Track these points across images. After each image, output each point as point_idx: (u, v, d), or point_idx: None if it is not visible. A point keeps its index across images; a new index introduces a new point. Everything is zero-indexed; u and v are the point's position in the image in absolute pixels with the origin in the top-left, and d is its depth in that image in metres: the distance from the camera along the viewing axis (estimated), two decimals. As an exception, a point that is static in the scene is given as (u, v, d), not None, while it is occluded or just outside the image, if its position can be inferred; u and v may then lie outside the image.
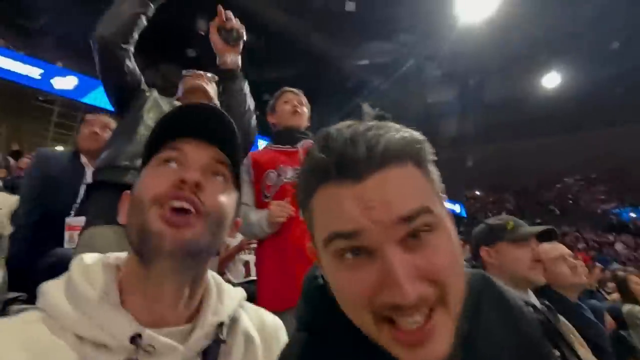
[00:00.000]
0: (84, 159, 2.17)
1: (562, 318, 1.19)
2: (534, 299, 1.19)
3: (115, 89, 1.42)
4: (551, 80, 21.15)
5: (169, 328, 0.53)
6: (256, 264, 1.77)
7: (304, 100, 1.96)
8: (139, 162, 1.22)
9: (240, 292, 0.66)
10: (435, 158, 0.47)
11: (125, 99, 1.44)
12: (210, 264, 0.62)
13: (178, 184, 0.54)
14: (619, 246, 15.68)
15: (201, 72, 1.72)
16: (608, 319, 2.88)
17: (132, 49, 1.39)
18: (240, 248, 2.72)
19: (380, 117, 0.49)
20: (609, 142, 20.63)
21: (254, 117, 1.57)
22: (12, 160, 4.47)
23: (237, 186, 0.65)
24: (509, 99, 21.71)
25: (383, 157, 0.41)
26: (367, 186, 0.40)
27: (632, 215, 18.61)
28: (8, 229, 1.70)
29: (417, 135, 0.45)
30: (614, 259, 11.96)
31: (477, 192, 24.62)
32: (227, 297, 0.62)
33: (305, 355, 0.48)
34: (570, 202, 21.08)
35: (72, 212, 1.95)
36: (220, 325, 0.56)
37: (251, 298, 0.70)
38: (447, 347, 0.39)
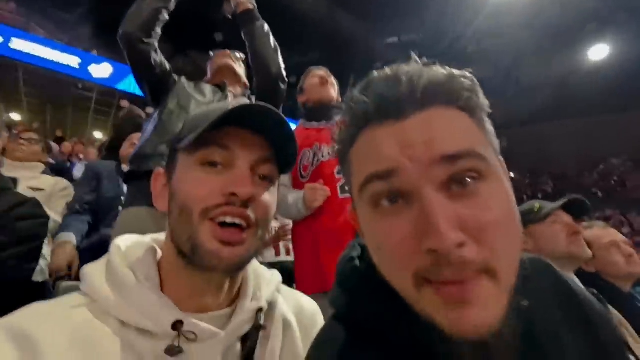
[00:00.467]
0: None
1: (612, 309, 1.11)
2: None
3: (146, 83, 1.47)
4: (597, 53, 19.51)
5: (210, 313, 0.54)
6: (293, 246, 1.79)
7: (332, 75, 1.93)
8: (162, 147, 1.28)
9: (277, 277, 0.66)
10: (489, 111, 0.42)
11: (158, 91, 1.48)
12: None
13: (229, 197, 0.52)
14: (668, 232, 14.57)
15: (228, 50, 1.73)
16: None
17: (155, 43, 1.44)
18: (277, 238, 2.74)
19: None
20: (662, 120, 18.96)
21: (281, 59, 1.57)
22: (55, 146, 4.75)
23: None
24: (547, 77, 20.31)
25: (426, 95, 0.38)
26: (408, 124, 0.37)
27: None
28: (58, 209, 1.81)
29: (469, 79, 0.40)
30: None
31: (512, 175, 23.58)
32: (265, 282, 0.62)
33: (340, 354, 0.42)
34: (615, 184, 19.72)
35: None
36: (259, 310, 0.56)
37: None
38: (495, 316, 0.33)
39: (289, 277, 2.08)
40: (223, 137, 0.55)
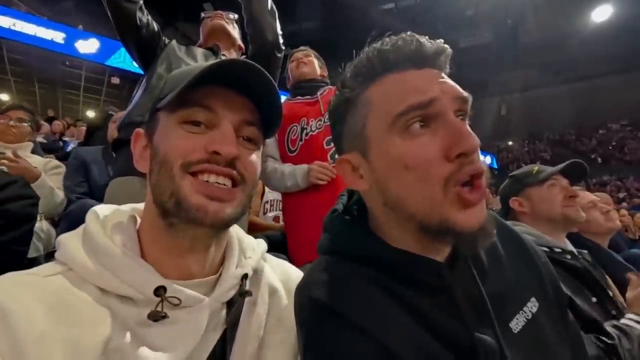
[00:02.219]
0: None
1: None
2: (571, 246, 1.13)
3: (133, 46, 1.38)
4: (600, 14, 18.92)
5: (195, 280, 0.52)
6: (284, 218, 1.78)
7: (313, 53, 1.89)
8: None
9: (263, 245, 0.65)
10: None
11: (146, 54, 1.40)
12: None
13: (212, 155, 0.50)
14: (664, 195, 14.75)
15: (220, 11, 1.63)
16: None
17: (140, 0, 1.34)
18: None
19: None
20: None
21: (278, 25, 1.51)
22: (46, 125, 4.67)
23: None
24: (548, 39, 19.76)
25: (436, 55, 0.49)
26: (433, 71, 0.49)
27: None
28: (48, 187, 1.79)
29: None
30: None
31: (510, 143, 23.50)
32: (250, 250, 0.61)
33: (327, 271, 0.52)
34: (613, 149, 19.73)
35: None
36: (245, 277, 0.56)
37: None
38: (485, 216, 0.46)
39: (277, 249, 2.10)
40: (206, 96, 0.52)
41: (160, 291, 0.47)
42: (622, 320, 0.87)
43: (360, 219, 0.57)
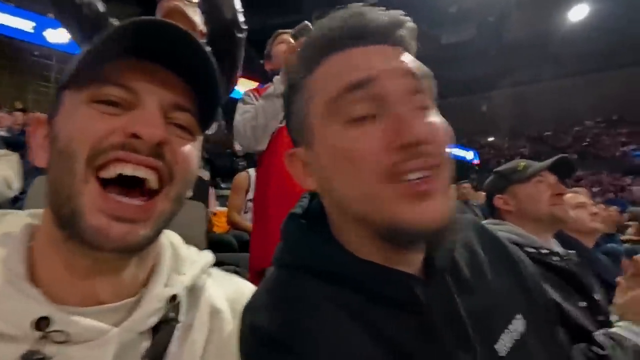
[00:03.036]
0: None
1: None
2: (558, 247, 1.06)
3: (74, 28, 1.23)
4: (578, 13, 19.37)
5: (104, 306, 0.41)
6: (258, 215, 1.64)
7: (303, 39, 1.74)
8: None
9: (206, 257, 0.53)
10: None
11: (90, 39, 1.25)
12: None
13: (130, 139, 0.38)
14: (635, 189, 15.32)
15: None
16: (626, 262, 2.83)
17: None
18: None
19: None
20: (635, 81, 19.32)
21: (238, 1, 1.34)
22: (6, 117, 4.38)
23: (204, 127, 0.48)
24: (529, 37, 20.11)
25: (386, 30, 0.43)
26: (378, 47, 0.43)
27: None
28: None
29: (413, 27, 0.46)
30: (630, 202, 11.74)
31: (491, 139, 23.95)
32: (187, 264, 0.50)
33: (275, 290, 0.46)
34: (588, 145, 20.38)
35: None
36: (173, 298, 0.44)
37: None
38: (445, 211, 0.39)
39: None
40: (123, 72, 0.40)
41: (41, 324, 0.36)
42: (613, 329, 0.81)
43: (320, 224, 0.48)
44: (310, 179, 0.47)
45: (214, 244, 1.89)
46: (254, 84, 1.86)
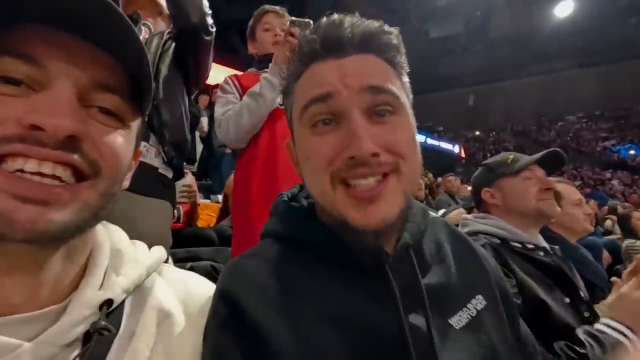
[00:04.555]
0: None
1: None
2: (544, 242, 1.04)
3: None
4: (562, 10, 19.67)
5: (17, 316, 0.34)
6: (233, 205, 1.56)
7: (284, 16, 1.63)
8: None
9: (156, 254, 0.47)
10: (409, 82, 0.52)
11: None
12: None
13: (28, 131, 0.32)
14: (615, 182, 15.79)
15: None
16: (605, 254, 2.88)
17: None
18: None
19: None
20: (616, 77, 19.81)
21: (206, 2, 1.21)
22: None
23: (140, 109, 0.41)
24: (514, 34, 20.34)
25: (362, 42, 0.47)
26: (346, 60, 0.46)
27: (632, 152, 18.49)
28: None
29: (396, 36, 0.49)
30: (608, 196, 12.10)
31: (477, 133, 24.25)
32: (128, 263, 0.43)
33: (254, 255, 0.50)
34: (570, 140, 20.86)
35: None
36: (107, 303, 0.38)
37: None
38: (394, 211, 0.43)
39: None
40: (27, 40, 0.33)
41: None
42: (597, 326, 0.79)
43: (309, 209, 0.54)
44: (299, 167, 0.52)
45: (195, 238, 1.82)
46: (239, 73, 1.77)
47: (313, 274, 0.46)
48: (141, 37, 1.18)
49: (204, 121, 3.74)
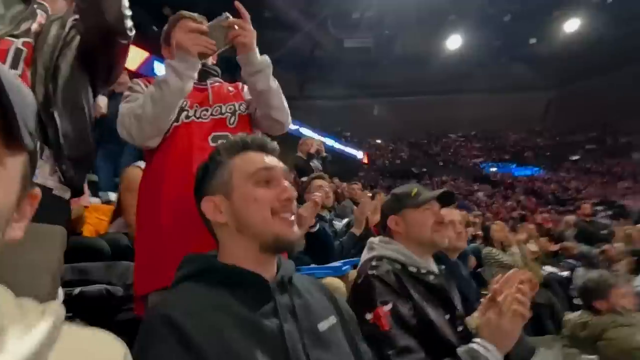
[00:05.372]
0: None
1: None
2: (434, 266, 1.21)
3: None
4: (452, 43, 22.91)
5: None
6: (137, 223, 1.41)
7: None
8: None
9: (54, 312, 0.37)
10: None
11: None
12: None
13: None
14: (480, 194, 19.02)
15: None
16: (471, 259, 3.46)
17: None
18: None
19: None
20: (489, 105, 23.92)
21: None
22: None
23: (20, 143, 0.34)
24: (415, 58, 22.90)
25: (274, 149, 0.86)
26: (271, 155, 0.84)
27: (492, 169, 22.54)
28: None
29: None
30: (475, 204, 14.51)
31: (378, 141, 26.43)
32: (15, 327, 0.33)
33: (177, 292, 0.71)
34: (451, 155, 24.37)
35: None
36: None
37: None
38: (299, 233, 0.89)
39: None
40: None
41: None
42: (472, 345, 0.92)
43: (211, 256, 0.81)
44: (221, 215, 0.77)
45: (81, 250, 1.55)
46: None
47: (224, 298, 0.68)
48: (36, 24, 0.97)
49: (102, 101, 3.08)
